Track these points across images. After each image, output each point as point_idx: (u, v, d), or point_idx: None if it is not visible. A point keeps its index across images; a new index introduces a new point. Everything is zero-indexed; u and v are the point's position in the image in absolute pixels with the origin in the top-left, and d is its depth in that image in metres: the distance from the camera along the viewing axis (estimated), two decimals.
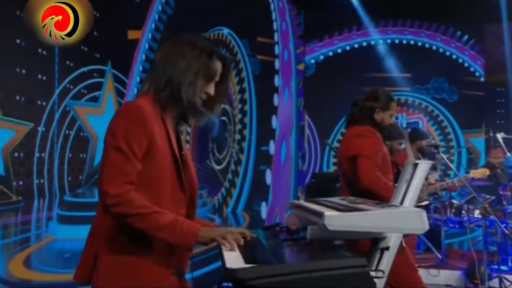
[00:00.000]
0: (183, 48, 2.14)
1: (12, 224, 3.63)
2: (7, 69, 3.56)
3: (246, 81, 6.65)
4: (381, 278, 2.02)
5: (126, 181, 1.94)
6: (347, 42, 9.11)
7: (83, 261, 2.09)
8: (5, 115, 3.54)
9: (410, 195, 2.08)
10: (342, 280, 1.58)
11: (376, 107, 3.63)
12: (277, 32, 7.62)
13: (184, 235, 1.95)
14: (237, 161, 6.41)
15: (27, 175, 3.70)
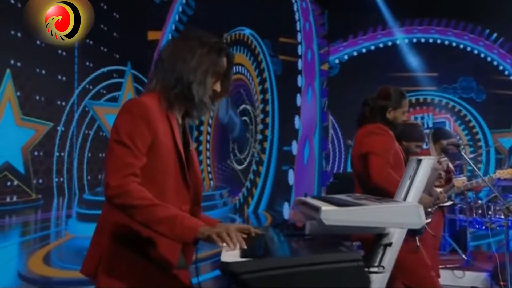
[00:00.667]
0: (192, 44, 2.10)
1: (31, 221, 3.70)
2: (27, 70, 3.64)
3: (268, 81, 6.66)
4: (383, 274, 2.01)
5: (129, 173, 1.93)
6: (371, 41, 9.04)
7: (89, 256, 2.11)
8: (25, 115, 3.62)
9: (414, 191, 2.06)
10: (336, 274, 1.58)
11: (388, 106, 3.59)
12: (300, 32, 7.61)
13: (184, 230, 1.89)
14: (258, 161, 6.42)
15: (46, 174, 3.78)
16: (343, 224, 1.72)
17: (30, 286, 3.64)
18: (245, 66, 6.29)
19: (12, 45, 3.51)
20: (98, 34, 4.23)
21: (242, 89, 6.20)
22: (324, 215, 1.70)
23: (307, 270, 1.58)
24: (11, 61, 3.54)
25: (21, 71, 3.60)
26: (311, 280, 1.59)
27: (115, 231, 2.05)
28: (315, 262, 1.58)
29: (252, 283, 1.59)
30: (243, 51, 6.26)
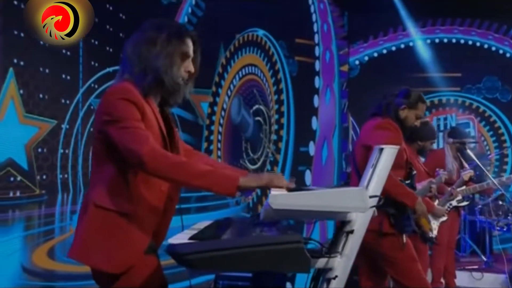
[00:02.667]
0: (151, 34, 2.20)
1: (35, 216, 3.80)
2: (31, 68, 3.75)
3: (283, 82, 6.68)
4: (344, 261, 2.02)
5: (151, 141, 2.02)
6: (392, 42, 8.98)
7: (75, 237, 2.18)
8: (28, 113, 3.73)
9: (375, 179, 2.06)
10: (276, 255, 1.60)
11: (403, 103, 3.57)
12: (318, 34, 7.61)
13: (225, 181, 1.97)
14: (273, 161, 6.44)
15: (50, 170, 3.88)
16: (290, 208, 1.74)
17: (33, 278, 3.74)
18: (258, 66, 6.33)
19: (16, 44, 3.62)
20: (103, 34, 4.33)
21: (255, 89, 6.24)
22: (272, 199, 1.73)
23: (248, 251, 1.60)
24: (14, 60, 3.65)
25: (24, 70, 3.71)
26: (252, 261, 1.62)
27: (92, 212, 2.11)
28: (255, 243, 1.61)
29: (196, 263, 1.63)
30: (256, 52, 6.30)
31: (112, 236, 2.07)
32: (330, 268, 2.08)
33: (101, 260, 2.05)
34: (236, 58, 5.98)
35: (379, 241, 3.35)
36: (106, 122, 2.09)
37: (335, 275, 2.07)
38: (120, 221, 2.08)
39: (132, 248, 2.07)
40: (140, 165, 2.01)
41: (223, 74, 5.76)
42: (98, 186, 2.13)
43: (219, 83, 5.70)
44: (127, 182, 2.11)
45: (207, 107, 5.54)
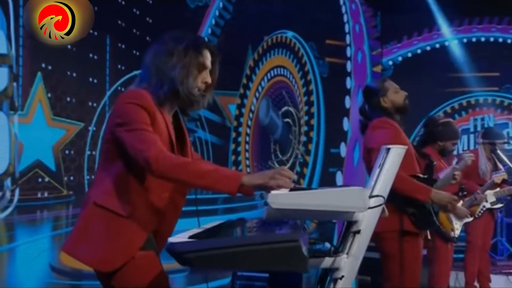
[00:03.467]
0: (169, 46, 2.24)
1: (63, 216, 3.91)
2: (58, 72, 3.86)
3: (313, 83, 6.67)
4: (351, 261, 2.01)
5: (159, 145, 2.07)
6: (427, 42, 8.84)
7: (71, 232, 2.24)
8: (56, 115, 3.84)
9: (382, 179, 2.04)
10: (272, 254, 1.61)
11: (378, 97, 3.50)
12: (349, 34, 7.57)
13: (227, 179, 2.01)
14: (303, 162, 6.44)
15: (78, 172, 3.98)
16: (290, 208, 1.75)
17: (61, 277, 3.84)
18: (287, 68, 6.34)
19: (43, 49, 3.72)
20: (130, 38, 4.42)
21: (284, 91, 6.25)
22: (271, 198, 1.74)
23: (244, 250, 1.62)
24: (42, 64, 3.77)
25: (52, 73, 3.82)
26: (249, 260, 1.63)
27: (91, 210, 2.16)
28: (252, 242, 1.63)
29: (194, 262, 1.65)
30: (285, 54, 6.31)
31: (105, 235, 2.11)
32: (337, 268, 2.08)
33: (90, 257, 2.10)
34: (265, 60, 6.00)
35: (400, 241, 3.30)
36: (117, 124, 2.14)
37: (342, 275, 2.07)
38: (116, 222, 2.12)
39: (122, 252, 2.10)
40: (147, 167, 2.06)
41: (251, 76, 5.79)
42: (100, 185, 2.18)
43: (247, 85, 5.73)
44: (129, 185, 2.15)
45: (235, 109, 5.58)
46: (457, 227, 4.72)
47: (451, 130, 4.79)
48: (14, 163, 3.57)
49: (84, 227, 2.15)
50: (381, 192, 2.01)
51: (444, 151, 4.78)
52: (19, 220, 3.63)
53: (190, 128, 4.94)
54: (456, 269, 5.81)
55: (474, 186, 5.06)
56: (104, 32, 4.21)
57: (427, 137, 4.77)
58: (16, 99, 3.62)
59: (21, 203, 3.61)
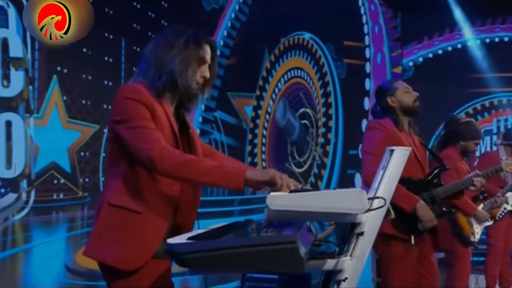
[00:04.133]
0: (170, 38, 2.24)
1: (78, 217, 3.96)
2: (74, 75, 3.92)
3: (330, 84, 6.65)
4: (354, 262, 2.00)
5: (162, 142, 2.08)
6: (448, 42, 8.73)
7: (89, 236, 2.26)
8: (71, 118, 3.89)
9: (385, 181, 2.03)
10: (269, 255, 1.61)
11: (386, 97, 3.46)
12: (369, 35, 7.52)
13: (232, 175, 2.03)
14: (320, 164, 6.42)
15: (93, 173, 4.03)
16: (288, 209, 1.74)
17: (77, 278, 3.89)
18: (304, 69, 6.33)
19: (59, 52, 3.79)
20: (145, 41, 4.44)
21: (301, 92, 6.24)
22: (270, 200, 1.74)
23: (242, 252, 1.62)
24: (57, 67, 3.83)
25: (67, 76, 3.88)
26: (247, 261, 1.63)
27: (106, 211, 2.17)
28: (249, 244, 1.63)
29: (192, 263, 1.66)
30: (303, 55, 6.30)
31: (124, 234, 2.11)
32: (340, 270, 2.06)
33: (112, 257, 2.09)
34: (281, 61, 6.00)
35: (383, 245, 3.27)
36: (116, 121, 2.15)
37: (345, 277, 2.05)
38: (133, 220, 2.13)
39: (143, 248, 2.11)
40: (151, 166, 2.07)
41: (267, 78, 5.80)
42: (112, 186, 2.19)
43: (263, 87, 5.74)
44: (139, 181, 2.15)
45: (251, 111, 5.59)
46: (477, 231, 4.66)
47: (473, 130, 4.73)
48: (30, 165, 3.63)
49: (102, 229, 2.16)
50: (384, 194, 1.99)
51: (466, 151, 4.72)
52: (35, 221, 3.69)
53: (206, 130, 4.97)
54: (477, 272, 5.73)
55: (495, 189, 4.99)
56: (119, 35, 4.26)
57: (448, 137, 4.71)
58: (32, 102, 3.68)
59: (36, 205, 3.67)
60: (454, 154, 4.65)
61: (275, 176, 2.03)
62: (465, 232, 4.53)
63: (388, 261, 3.36)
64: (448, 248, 4.59)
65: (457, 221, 4.53)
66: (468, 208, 4.52)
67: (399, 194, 3.21)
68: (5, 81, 3.56)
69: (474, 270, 5.30)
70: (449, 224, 4.52)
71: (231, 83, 5.24)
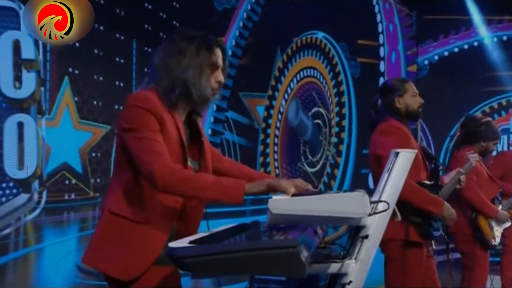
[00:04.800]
0: (180, 45, 2.18)
1: (90, 217, 3.98)
2: (85, 76, 3.95)
3: (344, 84, 6.61)
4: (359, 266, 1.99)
5: (164, 157, 2.05)
6: (464, 40, 8.63)
7: (89, 243, 2.25)
8: (82, 119, 3.92)
9: (390, 184, 2.00)
10: (270, 260, 1.60)
11: (393, 96, 3.44)
12: (383, 34, 7.47)
13: (231, 190, 2.02)
14: (333, 164, 6.39)
15: (104, 174, 4.05)
16: (290, 213, 1.74)
17: (88, 277, 3.91)
18: (317, 69, 6.30)
19: (70, 54, 3.82)
20: (157, 42, 4.45)
21: (314, 92, 6.22)
22: (271, 204, 1.74)
23: (243, 256, 1.62)
24: (69, 69, 3.85)
25: (79, 78, 3.91)
26: (248, 265, 1.63)
27: (107, 219, 2.16)
28: (250, 248, 1.62)
29: (193, 267, 1.66)
30: (315, 55, 6.28)
31: (124, 243, 2.09)
32: (345, 273, 2.05)
33: (111, 266, 2.07)
34: (294, 61, 5.99)
35: (404, 251, 3.26)
36: (124, 129, 2.12)
37: (350, 280, 2.04)
38: (133, 229, 2.10)
39: (143, 257, 2.09)
40: (151, 181, 2.05)
41: (279, 77, 5.78)
42: (114, 193, 2.16)
43: (275, 87, 5.73)
44: (142, 190, 2.12)
45: (263, 111, 5.58)
46: (497, 234, 4.59)
47: (493, 130, 4.68)
48: (41, 165, 3.67)
49: (101, 237, 2.14)
50: (388, 198, 1.97)
51: (486, 151, 4.67)
52: (47, 221, 3.72)
53: (217, 130, 4.98)
54: (492, 272, 5.66)
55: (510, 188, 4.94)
56: (130, 36, 4.28)
57: (467, 137, 4.65)
58: (43, 103, 3.71)
59: (48, 205, 3.70)
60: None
61: (271, 183, 2.03)
62: (486, 236, 4.47)
63: (409, 265, 3.33)
64: (468, 251, 4.53)
65: (479, 225, 4.46)
66: (489, 210, 4.47)
67: (426, 199, 3.23)
68: (17, 82, 3.59)
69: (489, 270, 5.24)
70: (470, 227, 4.46)
71: (243, 83, 5.24)
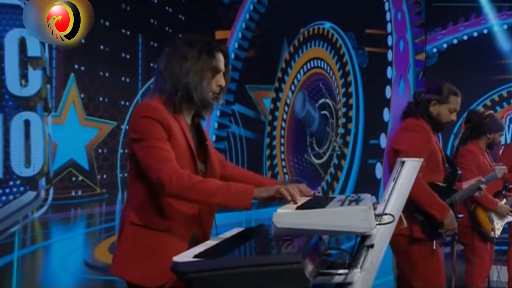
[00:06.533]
0: (182, 50, 2.27)
1: (96, 214, 4.01)
2: (91, 73, 3.94)
3: (351, 74, 6.57)
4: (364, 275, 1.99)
5: (172, 164, 2.11)
6: (474, 28, 8.54)
7: (114, 255, 2.30)
8: (89, 115, 3.92)
9: (395, 195, 2.00)
10: (274, 276, 1.60)
11: (433, 99, 3.45)
12: (391, 23, 7.40)
13: (239, 195, 2.06)
14: (340, 155, 6.38)
15: (111, 170, 4.06)
16: (294, 227, 1.74)
17: (95, 272, 3.95)
18: (324, 60, 6.26)
19: (76, 50, 3.80)
20: (162, 36, 4.45)
21: (321, 83, 6.19)
22: (275, 218, 1.74)
23: (247, 271, 1.62)
24: (75, 65, 3.85)
25: (85, 74, 3.90)
26: (252, 281, 1.63)
27: (129, 230, 2.23)
28: (254, 263, 1.63)
29: (198, 282, 1.67)
30: (323, 45, 6.23)
31: (148, 252, 2.17)
32: (350, 283, 2.05)
33: (138, 275, 2.15)
34: (301, 52, 5.95)
35: (409, 246, 3.28)
36: (133, 140, 2.20)
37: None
38: (156, 237, 2.18)
39: (166, 265, 2.13)
40: (160, 187, 2.11)
41: (286, 69, 5.76)
42: (132, 204, 2.24)
43: (282, 79, 5.70)
44: (159, 198, 2.18)
45: (270, 103, 5.57)
46: (498, 227, 4.61)
47: (498, 122, 4.73)
48: (48, 163, 3.68)
49: (126, 248, 2.21)
50: (393, 210, 1.96)
51: (493, 143, 4.69)
52: (54, 218, 3.74)
53: (224, 123, 4.97)
54: (499, 263, 5.66)
55: None
56: (136, 31, 4.26)
57: (473, 132, 4.65)
58: (49, 101, 3.71)
59: (55, 202, 3.72)
60: (477, 149, 4.60)
61: (280, 190, 2.06)
62: (484, 228, 4.49)
63: (415, 262, 3.36)
64: (468, 243, 4.56)
65: (477, 217, 4.49)
66: (489, 203, 4.49)
67: (432, 202, 3.27)
68: (23, 80, 3.59)
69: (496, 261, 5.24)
70: (469, 219, 4.47)
71: (249, 76, 5.22)
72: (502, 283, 5.82)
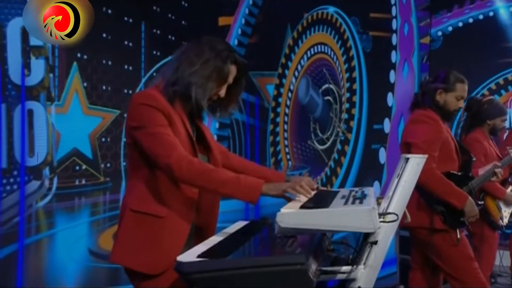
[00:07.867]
0: (201, 49, 2.26)
1: (100, 202, 4.02)
2: (94, 61, 3.92)
3: (355, 59, 6.53)
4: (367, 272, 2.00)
5: (180, 150, 2.12)
6: (480, 10, 8.45)
7: (114, 242, 2.31)
8: (92, 104, 3.91)
9: (399, 191, 2.00)
10: (278, 277, 1.61)
11: (439, 87, 3.42)
12: (396, 6, 7.33)
13: (249, 189, 2.07)
14: (344, 140, 6.36)
15: (114, 159, 4.07)
16: (298, 227, 1.74)
17: (100, 260, 3.97)
18: (328, 45, 6.22)
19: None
20: (165, 23, 4.42)
21: (324, 68, 6.15)
22: (279, 217, 1.74)
23: (250, 272, 1.63)
24: (77, 54, 3.83)
25: (87, 63, 3.89)
26: (255, 282, 1.64)
27: (129, 217, 2.23)
28: (257, 264, 1.63)
29: (200, 283, 1.67)
30: (327, 30, 6.18)
31: (149, 238, 2.17)
32: (354, 279, 2.07)
33: (138, 262, 2.16)
34: (304, 38, 5.91)
35: (431, 238, 3.28)
36: (133, 128, 2.19)
37: (358, 286, 2.06)
38: (156, 224, 2.18)
39: (167, 252, 2.15)
40: (169, 172, 2.12)
41: (290, 55, 5.72)
42: (132, 192, 2.25)
43: (285, 65, 5.67)
44: (159, 185, 2.19)
45: (273, 89, 5.55)
46: (505, 215, 4.61)
47: (498, 107, 4.67)
48: (52, 152, 3.68)
49: (126, 235, 2.22)
50: (397, 207, 1.97)
51: (495, 129, 4.65)
52: (58, 207, 3.76)
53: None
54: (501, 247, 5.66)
55: None
56: (139, 18, 4.23)
57: (474, 119, 4.63)
58: (52, 90, 3.71)
59: (59, 191, 3.73)
60: (482, 136, 4.57)
61: (288, 188, 2.07)
62: (493, 216, 4.48)
63: (441, 251, 3.38)
64: (477, 231, 4.55)
65: (485, 205, 4.48)
66: (497, 191, 4.48)
67: (450, 191, 3.26)
68: (26, 70, 3.58)
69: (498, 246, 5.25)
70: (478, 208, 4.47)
71: (252, 62, 5.17)
72: (504, 267, 5.84)
